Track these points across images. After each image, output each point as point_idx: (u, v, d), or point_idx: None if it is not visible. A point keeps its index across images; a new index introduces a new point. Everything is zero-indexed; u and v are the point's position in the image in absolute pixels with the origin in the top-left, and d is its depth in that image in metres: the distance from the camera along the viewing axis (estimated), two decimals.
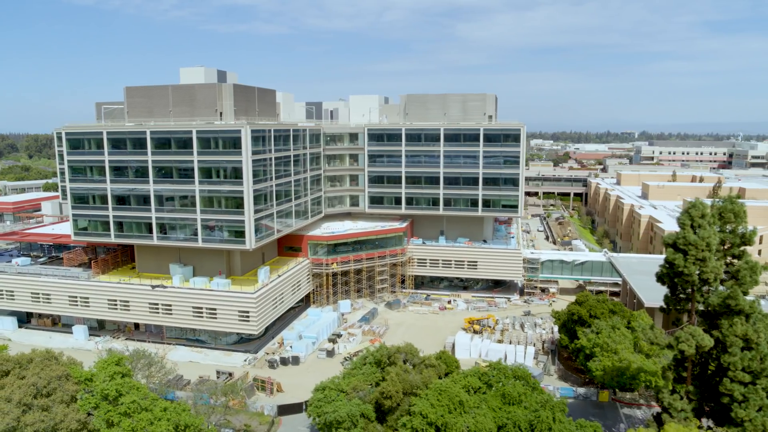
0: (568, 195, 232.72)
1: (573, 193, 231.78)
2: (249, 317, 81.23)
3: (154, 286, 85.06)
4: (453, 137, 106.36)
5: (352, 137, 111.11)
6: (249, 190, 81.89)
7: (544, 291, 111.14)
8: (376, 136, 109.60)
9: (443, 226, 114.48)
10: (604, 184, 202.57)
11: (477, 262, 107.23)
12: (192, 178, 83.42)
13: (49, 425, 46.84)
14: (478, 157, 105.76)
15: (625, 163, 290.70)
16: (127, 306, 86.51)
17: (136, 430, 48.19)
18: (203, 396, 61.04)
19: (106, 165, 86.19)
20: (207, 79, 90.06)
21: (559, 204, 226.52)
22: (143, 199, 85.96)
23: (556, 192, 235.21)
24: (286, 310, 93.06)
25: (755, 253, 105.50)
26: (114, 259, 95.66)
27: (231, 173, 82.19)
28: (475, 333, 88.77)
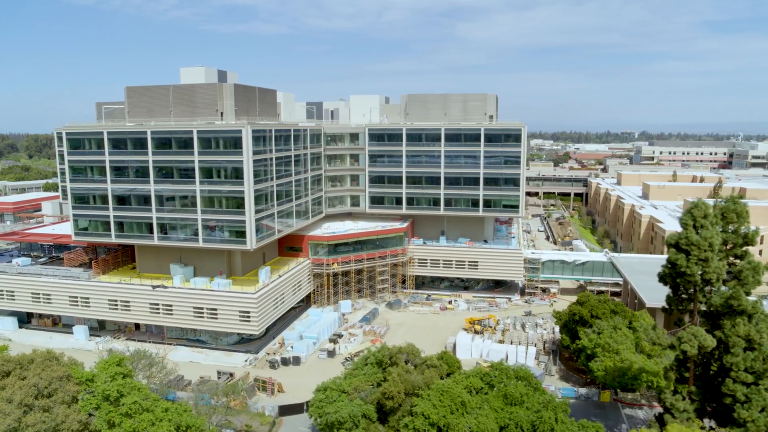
0: (568, 195, 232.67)
1: (573, 193, 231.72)
2: (250, 317, 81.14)
3: (155, 287, 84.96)
4: (454, 137, 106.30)
5: (353, 137, 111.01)
6: (250, 190, 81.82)
7: (545, 291, 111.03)
8: (377, 136, 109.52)
9: (444, 226, 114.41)
10: (605, 184, 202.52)
11: (478, 262, 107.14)
12: (193, 178, 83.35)
13: (51, 426, 46.71)
14: (478, 157, 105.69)
15: (626, 163, 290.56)
16: (128, 306, 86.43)
17: (138, 430, 48.13)
18: (204, 396, 60.94)
19: (107, 165, 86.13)
20: (207, 79, 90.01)
21: (559, 204, 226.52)
22: (144, 199, 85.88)
23: (556, 192, 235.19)
24: (287, 310, 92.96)
25: (756, 254, 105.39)
26: (114, 259, 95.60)
27: (232, 173, 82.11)
28: (476, 333, 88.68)
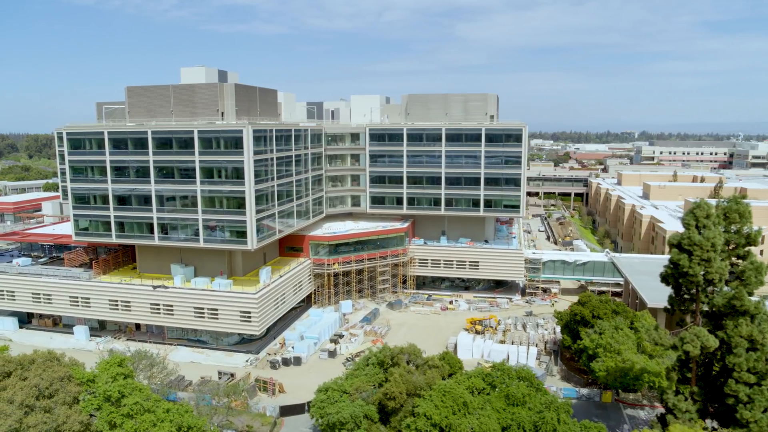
0: (568, 195, 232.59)
1: (574, 193, 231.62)
2: (251, 318, 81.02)
3: (156, 287, 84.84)
4: (454, 137, 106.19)
5: (354, 137, 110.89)
6: (251, 190, 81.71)
7: (545, 291, 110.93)
8: (378, 136, 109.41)
9: (445, 226, 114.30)
10: (605, 184, 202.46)
11: (479, 262, 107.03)
12: (193, 178, 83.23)
13: (52, 427, 46.60)
14: (479, 157, 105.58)
15: (626, 163, 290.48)
16: (128, 306, 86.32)
17: (139, 431, 48.01)
18: (205, 397, 60.86)
19: (107, 165, 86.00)
20: (208, 79, 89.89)
21: (559, 204, 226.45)
22: (144, 200, 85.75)
23: (556, 192, 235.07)
24: (288, 310, 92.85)
25: (758, 254, 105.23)
26: (115, 259, 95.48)
27: (232, 173, 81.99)
28: (477, 333, 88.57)
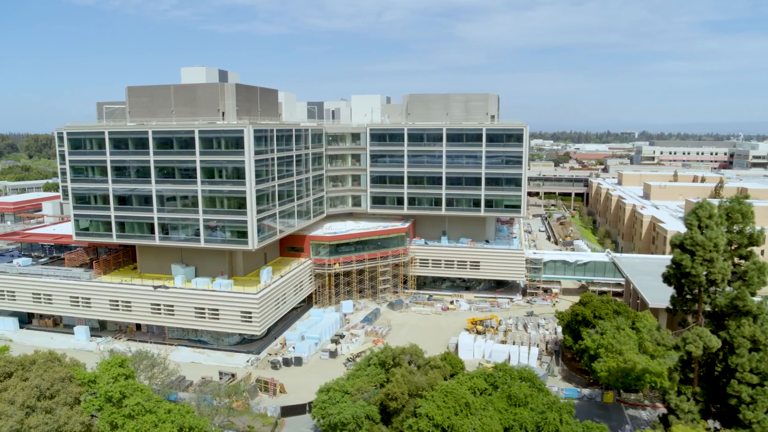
0: (569, 195, 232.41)
1: (574, 193, 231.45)
2: (251, 318, 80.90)
3: (156, 287, 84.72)
4: (455, 137, 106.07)
5: (354, 137, 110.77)
6: (251, 190, 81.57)
7: (546, 291, 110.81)
8: (379, 136, 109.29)
9: (445, 226, 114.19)
10: (606, 184, 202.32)
11: (479, 262, 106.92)
12: (194, 178, 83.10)
13: (53, 428, 46.46)
14: (480, 157, 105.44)
15: (626, 163, 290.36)
16: (129, 307, 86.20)
17: None
18: (206, 397, 60.75)
19: (108, 165, 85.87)
20: (208, 79, 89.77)
21: (560, 204, 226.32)
22: (145, 200, 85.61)
23: (557, 192, 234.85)
24: (289, 310, 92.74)
25: (760, 254, 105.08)
26: (115, 259, 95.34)
27: (233, 173, 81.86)
28: (479, 333, 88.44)
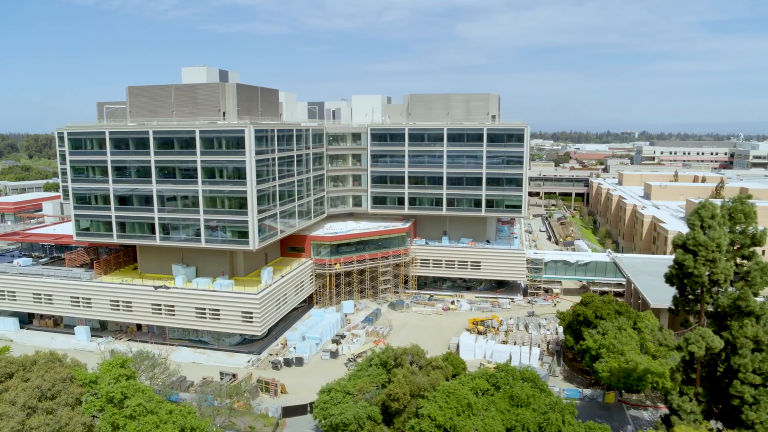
0: (569, 195, 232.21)
1: (575, 193, 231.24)
2: (252, 318, 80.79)
3: (157, 287, 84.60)
4: (456, 137, 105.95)
5: (355, 137, 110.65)
6: (252, 190, 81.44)
7: (547, 291, 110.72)
8: (379, 136, 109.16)
9: (446, 226, 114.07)
10: (606, 184, 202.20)
11: (480, 262, 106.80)
12: (195, 178, 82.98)
13: (54, 429, 46.29)
14: (481, 157, 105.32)
15: (626, 163, 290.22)
16: (130, 307, 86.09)
17: None
18: (207, 398, 60.62)
19: (109, 165, 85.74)
20: (209, 79, 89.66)
21: (560, 204, 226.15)
22: (146, 200, 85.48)
23: (557, 192, 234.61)
24: (289, 311, 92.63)
25: (762, 254, 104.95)
26: (116, 259, 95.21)
27: (234, 173, 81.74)
28: (480, 334, 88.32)
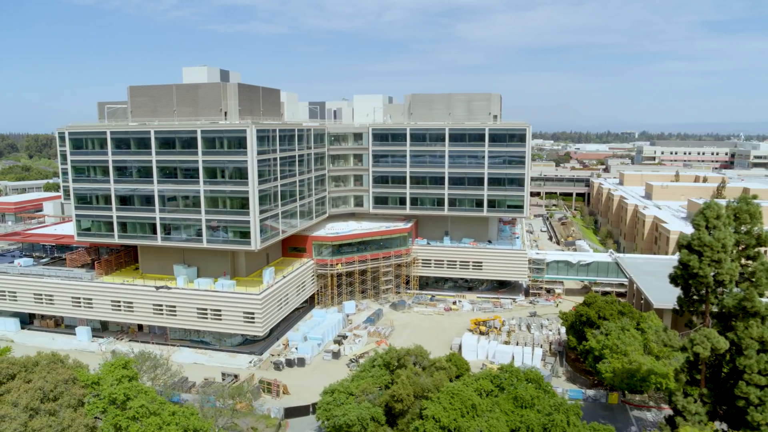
0: (570, 195, 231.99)
1: (575, 194, 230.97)
2: (254, 318, 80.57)
3: (158, 287, 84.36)
4: (458, 137, 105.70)
5: (357, 137, 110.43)
6: (254, 190, 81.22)
7: (549, 292, 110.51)
8: (381, 136, 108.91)
9: (448, 226, 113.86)
10: (607, 184, 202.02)
11: (482, 262, 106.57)
12: (196, 178, 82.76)
13: (57, 430, 46.04)
14: (483, 157, 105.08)
15: (627, 163, 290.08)
16: (131, 307, 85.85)
17: None
18: (209, 399, 60.38)
19: (110, 165, 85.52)
20: (210, 79, 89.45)
21: (561, 204, 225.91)
22: (147, 200, 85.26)
23: (558, 192, 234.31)
24: (291, 311, 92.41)
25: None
26: (117, 259, 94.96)
27: (236, 173, 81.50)
28: (482, 334, 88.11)
